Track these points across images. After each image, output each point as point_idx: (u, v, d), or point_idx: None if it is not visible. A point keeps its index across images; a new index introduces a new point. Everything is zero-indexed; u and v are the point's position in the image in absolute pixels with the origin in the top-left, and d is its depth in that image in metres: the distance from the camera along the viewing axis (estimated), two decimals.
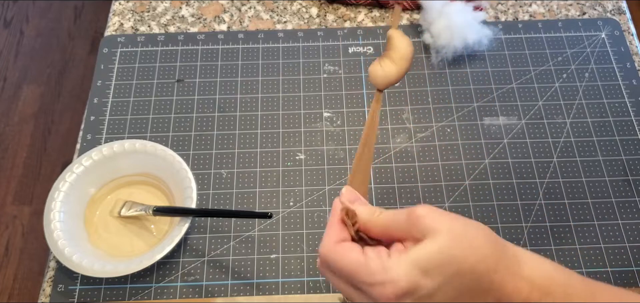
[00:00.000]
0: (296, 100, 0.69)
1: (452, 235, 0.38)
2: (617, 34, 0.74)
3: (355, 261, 0.38)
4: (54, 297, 0.56)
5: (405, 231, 0.39)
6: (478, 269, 0.37)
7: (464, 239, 0.38)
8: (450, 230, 0.38)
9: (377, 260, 0.38)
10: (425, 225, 0.38)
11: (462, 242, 0.38)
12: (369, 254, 0.39)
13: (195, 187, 0.57)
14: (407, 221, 0.39)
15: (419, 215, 0.38)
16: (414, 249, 0.38)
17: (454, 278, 0.37)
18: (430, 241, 0.37)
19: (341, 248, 0.40)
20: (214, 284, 0.57)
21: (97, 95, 0.69)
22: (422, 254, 0.37)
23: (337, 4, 0.78)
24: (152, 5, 0.78)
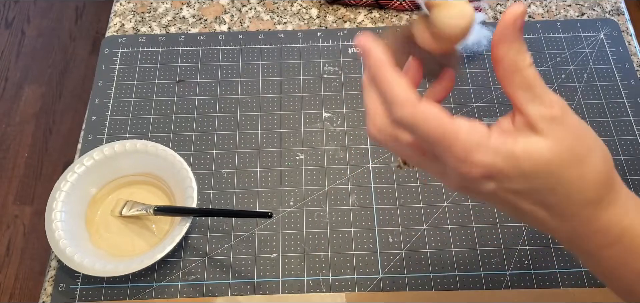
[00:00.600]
0: (296, 100, 0.69)
1: (571, 153, 0.33)
2: (615, 34, 0.74)
3: (448, 130, 0.33)
4: (56, 297, 0.56)
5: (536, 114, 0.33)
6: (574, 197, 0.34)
7: (582, 164, 0.33)
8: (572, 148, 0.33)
9: (475, 134, 0.33)
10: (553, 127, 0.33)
11: (574, 166, 0.33)
12: (463, 124, 0.33)
13: (195, 187, 0.58)
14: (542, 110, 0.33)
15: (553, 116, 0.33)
16: (524, 141, 0.33)
17: (545, 191, 0.34)
18: (546, 142, 0.33)
19: (429, 112, 0.33)
20: (214, 283, 0.57)
21: (98, 95, 0.69)
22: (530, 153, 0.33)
23: (337, 5, 0.78)
24: (153, 6, 0.78)
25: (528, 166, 0.33)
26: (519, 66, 0.33)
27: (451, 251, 0.58)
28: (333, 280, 0.57)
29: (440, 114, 0.33)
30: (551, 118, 0.33)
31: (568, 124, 0.33)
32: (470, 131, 0.33)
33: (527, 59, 0.34)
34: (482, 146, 0.33)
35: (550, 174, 0.33)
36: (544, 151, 0.33)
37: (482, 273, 0.57)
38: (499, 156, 0.33)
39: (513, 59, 0.33)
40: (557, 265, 0.58)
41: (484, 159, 0.33)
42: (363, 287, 0.57)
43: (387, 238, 0.59)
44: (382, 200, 0.62)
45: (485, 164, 0.33)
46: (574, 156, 0.33)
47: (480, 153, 0.33)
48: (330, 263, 0.58)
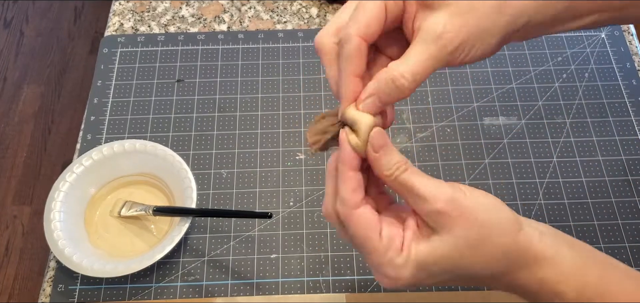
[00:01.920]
0: (296, 100, 0.69)
1: (466, 242, 0.36)
2: (616, 34, 0.74)
3: (371, 243, 0.36)
4: (54, 297, 0.56)
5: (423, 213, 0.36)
6: (485, 275, 0.37)
7: (479, 249, 0.36)
8: (466, 237, 0.36)
9: (391, 252, 0.36)
10: (442, 222, 0.36)
11: (476, 252, 0.36)
12: (384, 237, 0.36)
13: (195, 187, 0.58)
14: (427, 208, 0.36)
15: (439, 210, 0.35)
16: (424, 247, 0.36)
17: (460, 277, 0.37)
18: (441, 240, 0.36)
19: (361, 218, 0.37)
20: (214, 284, 0.57)
21: (97, 95, 0.69)
22: (433, 256, 0.36)
23: (337, 4, 0.78)
24: (152, 6, 0.78)
25: (435, 268, 0.36)
26: (393, 177, 0.36)
27: None
28: (333, 281, 0.57)
29: (367, 223, 0.37)
30: (437, 214, 0.35)
31: (457, 214, 0.35)
32: (386, 248, 0.36)
33: (399, 166, 0.36)
34: (392, 263, 0.36)
35: (455, 267, 0.36)
36: (443, 249, 0.36)
37: None
38: (407, 270, 0.36)
39: (386, 174, 0.37)
40: None
41: (393, 274, 0.36)
42: (363, 288, 0.56)
43: None
44: None
45: (394, 277, 0.36)
46: (469, 243, 0.36)
47: (389, 268, 0.36)
48: (331, 263, 0.58)
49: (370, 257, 0.37)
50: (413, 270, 0.36)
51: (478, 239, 0.36)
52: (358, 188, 0.37)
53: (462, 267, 0.36)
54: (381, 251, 0.36)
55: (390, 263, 0.36)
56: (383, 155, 0.37)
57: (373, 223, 0.37)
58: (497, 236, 0.36)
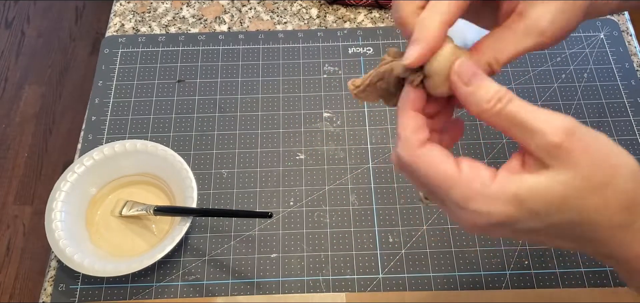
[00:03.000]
0: (296, 100, 0.69)
1: (588, 181, 0.30)
2: (615, 34, 0.74)
3: (447, 175, 0.32)
4: (55, 297, 0.56)
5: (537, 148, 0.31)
6: (601, 226, 0.32)
7: (601, 191, 0.31)
8: (589, 176, 0.30)
9: (476, 181, 0.31)
10: (561, 157, 0.30)
11: (594, 194, 0.31)
12: (465, 169, 0.32)
13: (195, 187, 0.58)
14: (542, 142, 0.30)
15: (557, 144, 0.30)
16: (530, 180, 0.31)
17: (566, 226, 0.32)
18: (555, 176, 0.30)
19: (428, 156, 0.32)
20: (214, 283, 0.57)
21: (98, 95, 0.69)
22: (539, 191, 0.30)
23: (337, 5, 0.78)
24: (152, 6, 0.78)
25: (540, 206, 0.31)
26: (495, 110, 0.32)
27: (451, 252, 0.58)
28: (333, 280, 0.57)
29: (439, 159, 0.32)
30: (555, 147, 0.30)
31: (577, 148, 0.30)
32: (470, 178, 0.32)
33: (501, 97, 0.32)
34: (481, 193, 0.31)
35: (568, 208, 0.31)
36: (556, 186, 0.30)
37: (482, 273, 0.57)
38: (502, 203, 0.31)
39: (485, 108, 0.32)
40: (557, 265, 0.58)
41: (484, 208, 0.31)
42: (363, 287, 0.57)
43: (387, 238, 0.59)
44: (382, 200, 0.62)
45: (486, 212, 0.31)
46: (592, 184, 0.31)
47: (480, 201, 0.31)
48: (330, 263, 0.58)
49: (452, 193, 0.32)
50: (510, 204, 0.31)
51: (604, 180, 0.31)
52: (421, 127, 0.33)
53: (577, 211, 0.31)
54: (464, 183, 0.31)
55: (479, 193, 0.31)
56: (477, 87, 0.32)
57: (444, 157, 0.32)
58: (623, 181, 0.31)
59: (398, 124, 0.34)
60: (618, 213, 0.31)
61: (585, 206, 0.31)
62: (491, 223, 0.31)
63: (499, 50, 0.34)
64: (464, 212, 0.32)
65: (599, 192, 0.31)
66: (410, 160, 0.33)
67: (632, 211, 0.32)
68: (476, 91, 0.32)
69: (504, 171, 0.32)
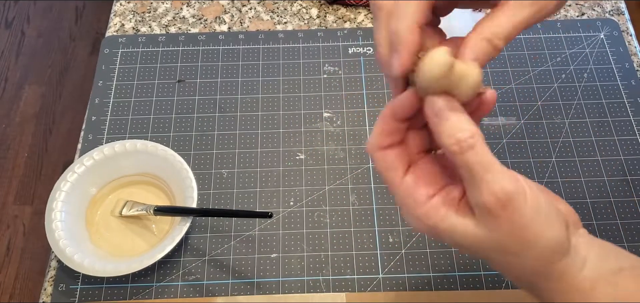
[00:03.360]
0: (296, 100, 0.69)
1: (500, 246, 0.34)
2: (615, 34, 0.74)
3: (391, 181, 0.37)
4: (55, 297, 0.56)
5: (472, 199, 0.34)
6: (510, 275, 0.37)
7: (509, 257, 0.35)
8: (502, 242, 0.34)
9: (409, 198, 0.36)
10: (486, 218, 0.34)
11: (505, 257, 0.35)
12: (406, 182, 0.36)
13: (195, 187, 0.58)
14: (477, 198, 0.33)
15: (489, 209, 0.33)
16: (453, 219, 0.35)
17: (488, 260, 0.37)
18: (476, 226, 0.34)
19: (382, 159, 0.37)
20: (214, 283, 0.57)
21: (98, 95, 0.69)
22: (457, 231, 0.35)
23: (337, 5, 0.78)
24: (153, 6, 0.78)
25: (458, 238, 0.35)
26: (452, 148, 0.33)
27: (451, 252, 0.58)
28: (333, 280, 0.57)
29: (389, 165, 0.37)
30: (485, 210, 0.33)
31: (503, 218, 0.33)
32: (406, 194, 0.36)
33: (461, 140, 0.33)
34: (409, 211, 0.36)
35: (480, 251, 0.35)
36: (471, 235, 0.35)
37: (482, 273, 0.57)
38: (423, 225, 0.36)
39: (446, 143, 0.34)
40: None
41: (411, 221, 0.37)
42: (363, 287, 0.57)
43: (387, 238, 0.59)
44: (382, 200, 0.62)
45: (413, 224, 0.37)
46: (504, 249, 0.34)
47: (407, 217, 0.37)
48: (330, 263, 0.58)
49: (395, 195, 0.37)
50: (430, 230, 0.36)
51: (513, 251, 0.34)
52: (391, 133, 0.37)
53: (487, 258, 0.36)
54: (401, 194, 0.36)
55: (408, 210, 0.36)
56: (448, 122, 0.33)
57: (394, 165, 0.37)
58: (531, 259, 0.34)
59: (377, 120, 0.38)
60: (523, 277, 0.36)
61: (495, 258, 0.35)
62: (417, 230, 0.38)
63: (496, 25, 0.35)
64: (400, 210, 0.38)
65: (506, 256, 0.35)
66: (370, 155, 0.38)
67: (536, 277, 0.36)
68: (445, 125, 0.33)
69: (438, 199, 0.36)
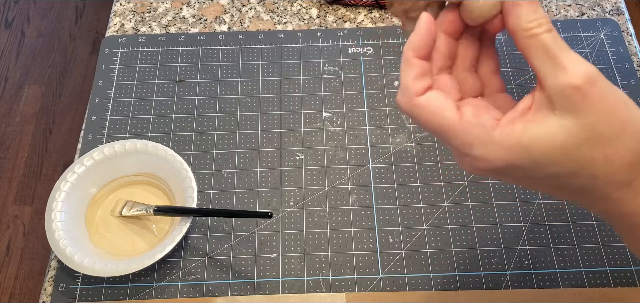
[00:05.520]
0: (296, 100, 0.69)
1: (593, 132, 0.30)
2: (615, 34, 0.74)
3: (448, 123, 0.32)
4: (55, 297, 0.56)
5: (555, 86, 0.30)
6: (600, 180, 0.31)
7: (606, 145, 0.30)
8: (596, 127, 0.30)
9: (477, 128, 0.31)
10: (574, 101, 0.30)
11: (596, 147, 0.30)
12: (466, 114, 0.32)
13: (195, 187, 0.58)
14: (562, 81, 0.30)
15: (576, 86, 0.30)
16: (532, 128, 0.31)
17: (564, 176, 0.32)
18: (559, 121, 0.30)
19: (428, 104, 0.32)
20: (214, 283, 0.57)
21: (98, 95, 0.69)
22: (540, 141, 0.30)
23: (337, 5, 0.78)
24: (152, 6, 0.78)
25: (539, 155, 0.31)
26: (532, 32, 0.31)
27: (451, 251, 0.58)
28: (333, 280, 0.57)
29: (439, 106, 0.32)
30: (572, 90, 0.30)
31: (593, 96, 0.30)
32: (472, 124, 0.32)
33: (542, 24, 0.31)
34: (482, 140, 0.31)
35: (568, 159, 0.31)
36: (557, 135, 0.30)
37: (482, 273, 0.57)
38: (502, 150, 0.31)
39: (524, 26, 0.31)
40: (557, 265, 0.58)
41: (485, 154, 0.31)
42: (363, 287, 0.57)
43: (387, 238, 0.59)
44: (382, 200, 0.62)
45: (487, 158, 0.31)
46: (596, 136, 0.30)
47: (480, 147, 0.31)
48: (330, 263, 0.58)
49: (453, 140, 0.32)
50: (511, 151, 0.31)
51: (609, 134, 0.30)
52: (422, 75, 0.33)
53: (575, 162, 0.31)
54: (465, 129, 0.32)
55: (481, 140, 0.31)
56: (526, 4, 0.31)
57: (445, 104, 0.32)
58: (631, 139, 0.31)
59: (400, 70, 0.34)
60: (619, 170, 0.31)
61: (585, 157, 0.31)
62: (491, 168, 0.32)
63: None
64: (466, 157, 0.32)
65: (602, 145, 0.30)
66: (409, 108, 0.33)
67: (633, 170, 0.31)
68: (523, 7, 0.31)
69: (510, 115, 0.32)
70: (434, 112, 0.32)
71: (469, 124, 0.32)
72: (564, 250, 0.58)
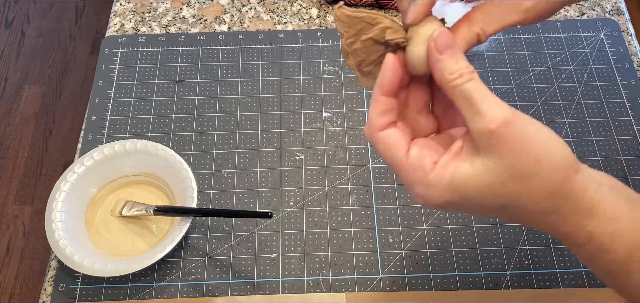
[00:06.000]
0: (296, 100, 0.69)
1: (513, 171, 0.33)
2: (615, 34, 0.74)
3: (397, 160, 0.36)
4: (55, 297, 0.56)
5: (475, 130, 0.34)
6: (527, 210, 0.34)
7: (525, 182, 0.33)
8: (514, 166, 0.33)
9: (418, 169, 0.35)
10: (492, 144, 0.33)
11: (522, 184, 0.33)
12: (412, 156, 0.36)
13: (195, 187, 0.58)
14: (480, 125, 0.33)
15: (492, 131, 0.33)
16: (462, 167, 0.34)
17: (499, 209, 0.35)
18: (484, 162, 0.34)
19: (385, 139, 0.37)
20: (214, 283, 0.57)
21: (98, 95, 0.69)
22: (469, 179, 0.34)
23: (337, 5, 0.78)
24: (153, 6, 0.78)
25: (470, 192, 0.34)
26: (454, 83, 0.34)
27: (451, 251, 0.58)
28: (333, 280, 0.57)
29: (393, 144, 0.36)
30: (489, 134, 0.33)
31: (509, 138, 0.33)
32: (414, 166, 0.36)
33: (463, 74, 0.34)
34: (421, 182, 0.35)
35: (494, 194, 0.34)
36: (483, 174, 0.34)
37: (482, 273, 0.57)
38: (438, 190, 0.35)
39: (447, 78, 0.34)
40: (557, 265, 0.58)
41: (424, 193, 0.36)
42: (363, 287, 0.57)
43: (387, 238, 0.59)
44: (382, 200, 0.62)
45: (426, 197, 0.36)
46: (517, 173, 0.33)
47: (421, 187, 0.36)
48: (330, 263, 0.58)
49: (400, 176, 0.37)
50: (446, 191, 0.35)
51: (527, 171, 0.33)
52: (387, 112, 0.37)
53: (503, 197, 0.34)
54: (409, 170, 0.36)
55: (420, 181, 0.36)
56: (447, 58, 0.35)
57: (398, 143, 0.37)
58: (548, 172, 0.33)
59: (370, 104, 0.38)
60: (543, 201, 0.34)
61: (510, 192, 0.34)
62: (432, 204, 0.36)
63: (486, 22, 0.37)
64: (410, 192, 0.37)
65: (523, 181, 0.33)
66: (371, 139, 0.38)
67: (556, 198, 0.34)
68: (445, 61, 0.35)
69: (445, 157, 0.36)
70: (389, 147, 0.37)
71: (411, 166, 0.36)
72: (564, 250, 0.58)
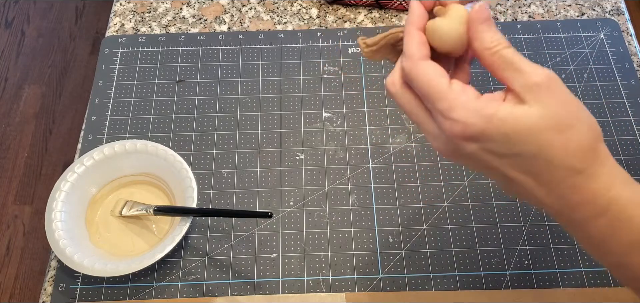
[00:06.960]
0: (296, 100, 0.69)
1: (555, 119, 0.35)
2: (615, 34, 0.74)
3: (439, 88, 0.37)
4: (55, 297, 0.56)
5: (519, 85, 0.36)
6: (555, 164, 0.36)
7: (564, 132, 0.35)
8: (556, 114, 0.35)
9: (463, 95, 0.36)
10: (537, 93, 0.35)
11: (556, 133, 0.35)
12: (455, 86, 0.37)
13: (195, 187, 0.58)
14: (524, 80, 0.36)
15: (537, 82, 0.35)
16: (507, 107, 0.36)
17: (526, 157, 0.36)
18: (528, 109, 0.35)
19: (427, 69, 0.38)
20: (214, 283, 0.57)
21: (98, 95, 0.69)
22: (511, 118, 0.35)
23: (337, 5, 0.78)
24: (152, 6, 0.78)
25: (510, 129, 0.35)
26: (494, 50, 0.37)
27: (451, 251, 0.58)
28: (333, 280, 0.57)
29: (435, 73, 0.37)
30: (534, 85, 0.35)
31: (553, 91, 0.35)
32: (458, 92, 0.36)
33: (501, 42, 0.37)
34: (465, 105, 0.36)
35: (532, 138, 0.35)
36: (526, 116, 0.35)
37: (482, 273, 0.57)
38: (479, 117, 0.36)
39: (488, 46, 0.37)
40: (557, 265, 0.58)
41: (464, 117, 0.36)
42: (363, 287, 0.57)
43: (387, 238, 0.59)
44: (382, 200, 0.62)
45: (465, 121, 0.36)
46: (557, 123, 0.35)
47: (462, 111, 0.36)
48: (330, 263, 0.58)
49: (439, 103, 0.37)
50: (487, 121, 0.36)
51: (568, 122, 0.35)
52: (424, 43, 0.38)
53: (536, 144, 0.35)
54: (452, 95, 0.36)
55: (463, 105, 0.36)
56: (487, 28, 0.37)
57: (442, 71, 0.37)
58: (583, 131, 0.36)
59: (404, 42, 0.39)
60: (573, 156, 0.36)
61: (547, 141, 0.35)
62: (466, 134, 0.36)
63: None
64: (445, 121, 0.37)
65: (561, 132, 0.35)
66: (412, 71, 0.38)
67: (587, 155, 0.36)
68: (486, 32, 0.37)
69: (488, 96, 0.37)
70: (431, 76, 0.37)
71: (456, 92, 0.37)
72: (564, 250, 0.58)
